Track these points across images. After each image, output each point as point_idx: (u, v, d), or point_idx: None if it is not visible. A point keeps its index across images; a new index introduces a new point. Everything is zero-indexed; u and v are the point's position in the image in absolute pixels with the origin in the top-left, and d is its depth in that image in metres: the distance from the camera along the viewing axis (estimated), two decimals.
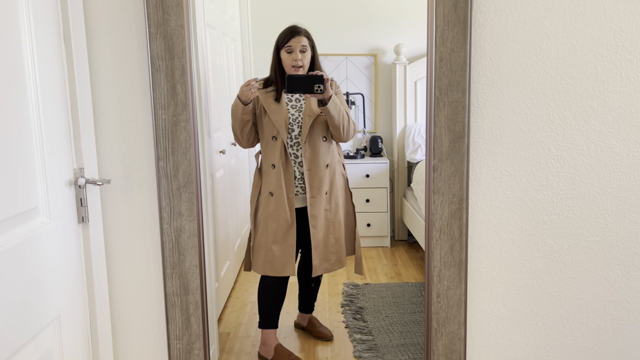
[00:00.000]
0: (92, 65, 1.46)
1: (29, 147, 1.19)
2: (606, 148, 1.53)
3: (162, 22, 1.40)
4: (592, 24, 1.48)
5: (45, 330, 1.26)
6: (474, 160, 1.53)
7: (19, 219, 1.16)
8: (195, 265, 1.51)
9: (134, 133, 1.49)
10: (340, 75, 3.94)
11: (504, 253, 1.58)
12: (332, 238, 2.32)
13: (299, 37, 2.20)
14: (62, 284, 1.32)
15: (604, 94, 1.51)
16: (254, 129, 2.26)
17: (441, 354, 1.57)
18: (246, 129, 2.22)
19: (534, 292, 1.60)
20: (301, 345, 2.48)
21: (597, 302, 1.61)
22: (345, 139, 2.26)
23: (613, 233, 1.57)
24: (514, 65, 1.49)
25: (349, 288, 3.07)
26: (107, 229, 1.53)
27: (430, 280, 1.54)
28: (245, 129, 2.21)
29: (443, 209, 1.51)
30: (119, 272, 1.56)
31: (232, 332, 2.59)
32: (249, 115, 2.19)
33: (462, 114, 1.46)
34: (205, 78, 2.39)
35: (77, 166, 1.40)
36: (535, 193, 1.55)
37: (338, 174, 2.35)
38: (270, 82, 2.27)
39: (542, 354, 1.64)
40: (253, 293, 3.03)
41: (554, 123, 1.52)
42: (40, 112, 1.23)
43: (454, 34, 1.43)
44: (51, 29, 1.29)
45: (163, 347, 1.59)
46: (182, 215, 1.48)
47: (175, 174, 1.47)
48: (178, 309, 1.53)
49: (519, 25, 1.48)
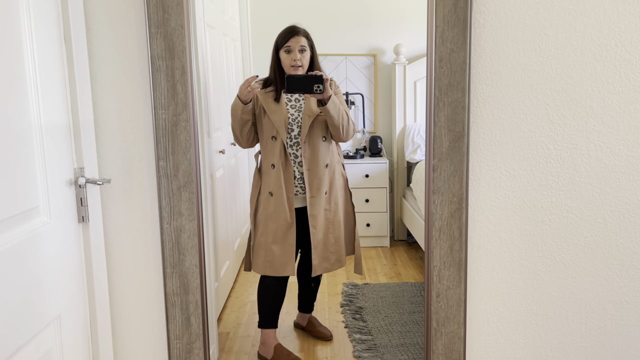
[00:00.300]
0: (92, 64, 1.46)
1: (29, 146, 1.19)
2: (605, 148, 1.54)
3: (162, 21, 1.40)
4: (591, 24, 1.48)
5: (46, 330, 1.26)
6: (473, 160, 1.53)
7: (19, 218, 1.16)
8: (195, 265, 1.51)
9: (134, 133, 1.50)
10: (339, 75, 3.94)
11: (504, 253, 1.59)
12: (331, 238, 2.32)
13: (297, 37, 2.20)
14: (62, 283, 1.32)
15: (603, 94, 1.51)
16: (254, 129, 2.26)
17: (441, 354, 1.57)
18: (245, 129, 2.22)
19: (533, 291, 1.61)
20: (301, 345, 2.48)
21: (597, 302, 1.61)
22: (344, 139, 2.27)
23: (612, 233, 1.58)
24: (514, 65, 1.50)
25: (348, 288, 3.07)
26: (107, 229, 1.53)
27: (430, 280, 1.55)
28: (245, 128, 2.21)
29: (443, 209, 1.51)
30: (119, 271, 1.56)
31: (232, 331, 2.59)
32: (248, 115, 2.19)
33: (461, 114, 1.47)
34: (205, 78, 2.39)
35: (78, 166, 1.40)
36: (534, 193, 1.56)
37: (338, 173, 2.35)
38: (269, 82, 2.27)
39: (541, 353, 1.64)
40: (252, 293, 3.03)
41: (554, 123, 1.52)
42: (40, 111, 1.23)
43: (454, 34, 1.43)
44: (51, 29, 1.29)
45: (163, 347, 1.59)
46: (182, 215, 1.49)
47: (175, 173, 1.47)
48: (178, 309, 1.53)
49: (518, 25, 1.48)
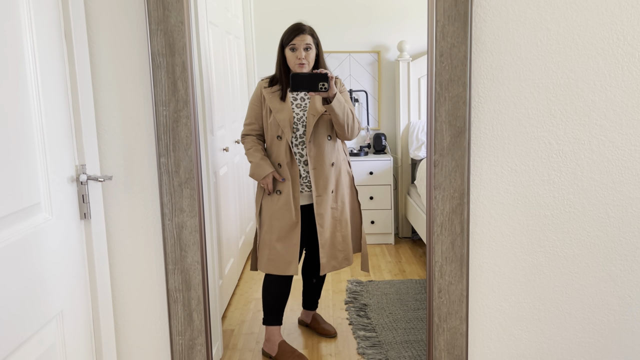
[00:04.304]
0: (93, 61, 1.47)
1: (30, 143, 1.20)
2: (608, 142, 1.53)
3: (162, 18, 1.41)
4: (593, 17, 1.47)
5: (48, 325, 1.27)
6: (475, 155, 1.53)
7: (21, 214, 1.17)
8: (197, 262, 1.52)
9: (135, 129, 1.50)
10: (343, 73, 3.93)
11: (506, 248, 1.58)
12: (339, 236, 2.32)
13: (303, 35, 2.19)
14: (65, 279, 1.33)
15: (605, 88, 1.50)
16: (263, 141, 2.33)
17: (443, 349, 1.57)
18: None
19: (535, 287, 1.60)
20: (305, 342, 2.48)
21: (600, 297, 1.60)
22: (349, 137, 2.25)
23: (615, 228, 1.57)
24: (515, 59, 1.49)
25: (352, 285, 3.07)
26: (109, 225, 1.54)
27: (432, 276, 1.54)
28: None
29: (444, 204, 1.50)
30: (121, 268, 1.56)
31: (236, 328, 2.60)
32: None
33: (463, 109, 1.46)
34: (208, 76, 2.39)
35: (79, 163, 1.41)
36: (536, 188, 1.55)
37: (344, 172, 2.35)
38: (275, 80, 2.27)
39: (544, 349, 1.63)
40: (257, 290, 3.04)
41: (556, 117, 1.51)
42: (41, 108, 1.24)
43: (455, 28, 1.43)
44: (52, 26, 1.30)
45: (165, 343, 1.60)
46: (184, 212, 1.49)
47: (176, 170, 1.47)
48: (180, 305, 1.54)
49: (519, 19, 1.47)
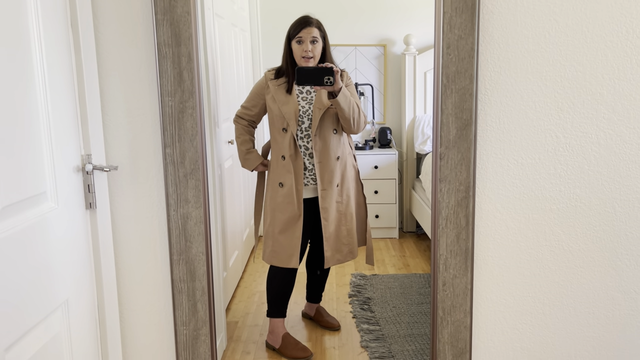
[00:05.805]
0: (99, 51, 1.46)
1: (36, 133, 1.20)
2: (615, 136, 1.51)
3: (168, 8, 1.40)
4: (602, 10, 1.46)
5: (54, 314, 1.27)
6: (481, 148, 1.52)
7: (27, 203, 1.17)
8: (202, 252, 1.52)
9: (140, 120, 1.50)
10: (349, 66, 3.92)
11: (511, 242, 1.57)
12: (344, 230, 2.32)
13: (309, 28, 2.17)
14: (70, 268, 1.34)
15: (614, 82, 1.49)
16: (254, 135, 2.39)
17: (447, 342, 1.57)
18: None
19: (540, 281, 1.59)
20: (308, 335, 2.49)
21: (605, 292, 1.60)
22: (355, 131, 2.24)
23: (622, 222, 1.56)
24: (523, 52, 1.48)
25: (356, 279, 3.07)
26: (115, 215, 1.54)
27: (437, 269, 1.54)
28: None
29: (449, 197, 1.50)
30: (126, 258, 1.57)
31: (240, 321, 2.61)
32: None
33: (469, 102, 1.45)
34: (214, 68, 2.39)
35: (85, 152, 1.41)
36: (543, 181, 1.54)
37: (349, 165, 2.34)
38: (282, 72, 2.27)
39: (548, 343, 1.63)
40: (261, 283, 3.05)
41: (563, 111, 1.50)
42: (47, 98, 1.24)
43: (462, 20, 1.42)
44: (58, 16, 1.30)
45: (170, 333, 1.61)
46: (189, 202, 1.49)
47: (182, 161, 1.47)
48: (185, 295, 1.54)
49: (528, 11, 1.46)
